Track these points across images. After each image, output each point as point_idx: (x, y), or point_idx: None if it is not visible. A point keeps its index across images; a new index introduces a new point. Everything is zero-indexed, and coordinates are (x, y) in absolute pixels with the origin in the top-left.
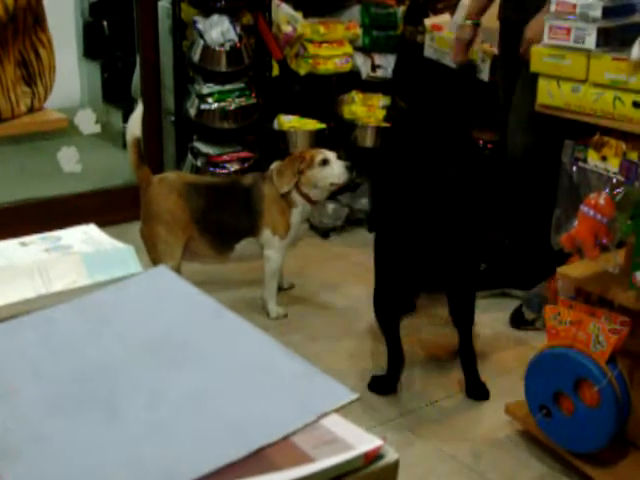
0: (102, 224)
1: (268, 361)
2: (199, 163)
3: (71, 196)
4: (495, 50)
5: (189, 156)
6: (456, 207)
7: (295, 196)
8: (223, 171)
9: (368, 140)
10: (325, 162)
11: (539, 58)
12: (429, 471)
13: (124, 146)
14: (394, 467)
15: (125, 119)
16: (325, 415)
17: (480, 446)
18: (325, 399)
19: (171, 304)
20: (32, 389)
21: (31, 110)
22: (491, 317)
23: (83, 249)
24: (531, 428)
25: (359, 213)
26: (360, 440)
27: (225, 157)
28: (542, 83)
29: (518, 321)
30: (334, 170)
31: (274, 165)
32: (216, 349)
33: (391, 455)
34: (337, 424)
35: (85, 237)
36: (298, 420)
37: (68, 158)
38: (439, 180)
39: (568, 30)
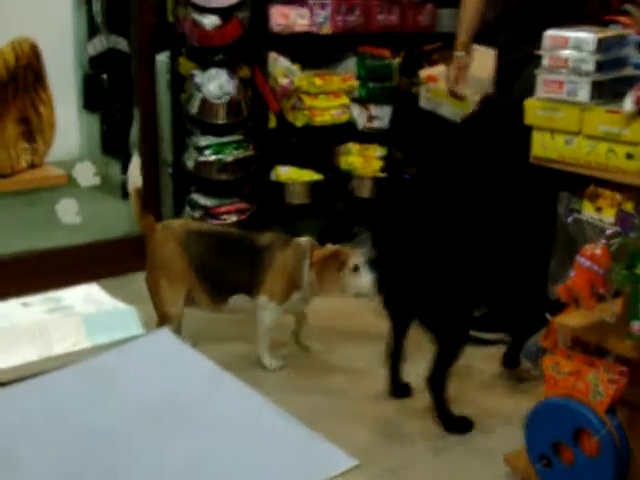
0: (102, 276)
1: (269, 426)
2: (197, 215)
3: (70, 248)
4: None
5: (187, 208)
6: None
7: (307, 281)
8: (221, 223)
9: (365, 190)
10: (356, 269)
11: (533, 111)
12: None
13: (123, 197)
14: None
15: (124, 170)
16: None
17: None
18: (327, 465)
19: (172, 368)
20: (34, 456)
21: (31, 166)
22: (489, 367)
23: (84, 310)
24: (531, 478)
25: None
26: None
27: (223, 209)
28: (536, 136)
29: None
30: (362, 281)
31: (306, 240)
32: (217, 413)
33: None
34: None
35: (86, 297)
36: None
37: (67, 210)
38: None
39: (561, 83)
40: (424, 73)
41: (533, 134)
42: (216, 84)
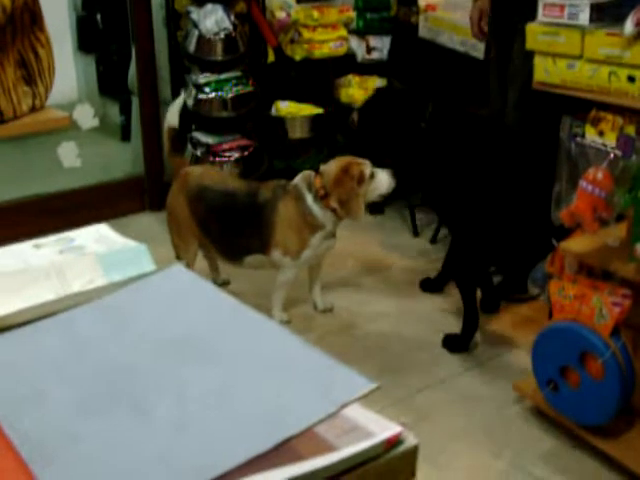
0: (105, 218)
1: (288, 355)
2: (199, 153)
3: (73, 191)
4: None
5: (189, 146)
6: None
7: (323, 216)
8: (224, 160)
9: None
10: (372, 174)
11: (534, 36)
12: (441, 449)
13: (123, 138)
14: (414, 452)
15: (122, 111)
16: (346, 405)
17: (490, 423)
18: (346, 389)
19: (190, 302)
20: (60, 391)
21: (33, 109)
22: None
23: (97, 249)
24: (540, 403)
25: None
26: (380, 427)
27: (225, 146)
28: (538, 60)
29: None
30: (382, 180)
31: (299, 179)
32: (237, 345)
33: (410, 440)
34: (356, 412)
35: (97, 237)
36: (321, 411)
37: (68, 153)
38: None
39: (562, 7)
40: (423, 2)
41: (535, 59)
42: (212, 20)
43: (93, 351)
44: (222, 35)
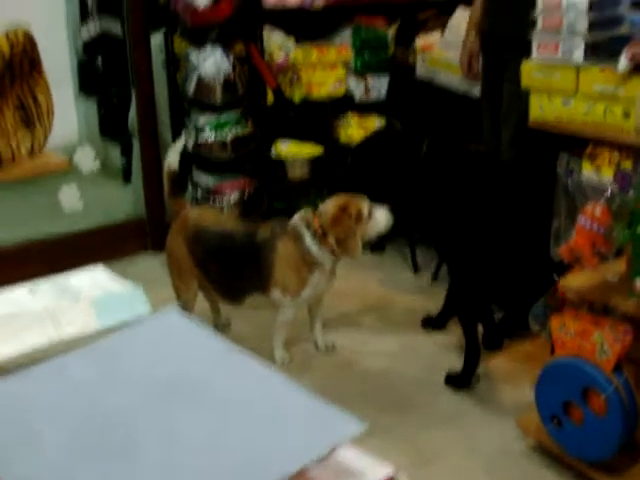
0: (106, 260)
1: (278, 397)
2: (199, 194)
3: (74, 234)
4: None
5: (189, 188)
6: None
7: (321, 254)
8: (224, 201)
9: None
10: (371, 212)
11: (529, 74)
12: None
13: (124, 180)
14: None
15: (123, 153)
16: (338, 447)
17: (493, 460)
18: (336, 431)
19: (182, 345)
20: (53, 436)
21: (32, 153)
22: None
23: (92, 293)
24: (543, 440)
25: None
26: (373, 469)
27: (225, 187)
28: (534, 98)
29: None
30: (380, 218)
31: (297, 218)
32: (228, 389)
33: None
34: (349, 453)
35: (93, 280)
36: (312, 454)
37: (69, 197)
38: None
39: (556, 45)
40: (420, 42)
41: (530, 97)
42: (211, 62)
43: (86, 396)
44: (221, 77)
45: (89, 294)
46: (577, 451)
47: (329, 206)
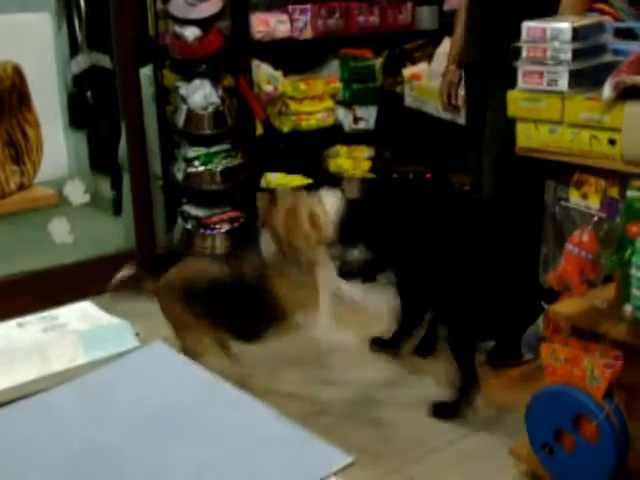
0: (97, 293)
1: (265, 430)
2: (189, 226)
3: (65, 267)
4: None
5: (179, 220)
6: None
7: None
8: (214, 232)
9: (355, 192)
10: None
11: (515, 102)
12: None
13: (115, 213)
14: None
15: (113, 187)
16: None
17: None
18: (323, 464)
19: (168, 379)
20: (38, 473)
21: (21, 188)
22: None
23: (79, 327)
24: (535, 468)
25: (350, 265)
26: None
27: (215, 218)
28: (520, 127)
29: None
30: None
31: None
32: (215, 420)
33: None
34: None
35: (81, 314)
36: None
37: (59, 229)
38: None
39: (541, 74)
40: (407, 72)
41: (517, 125)
42: (201, 95)
43: (72, 431)
44: (210, 109)
45: (76, 328)
46: (569, 479)
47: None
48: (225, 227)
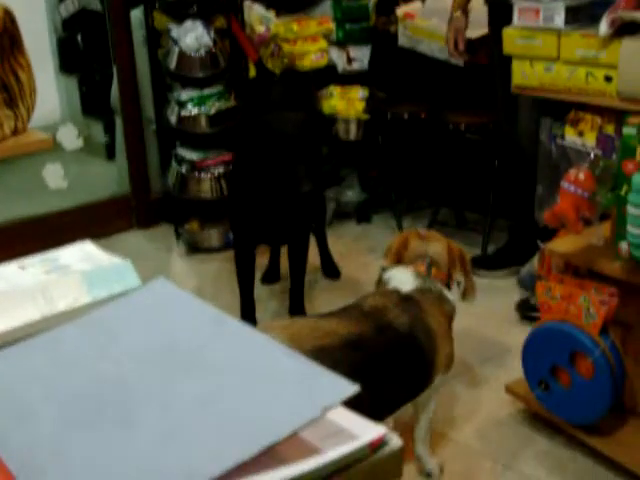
0: (93, 237)
1: (271, 362)
2: (184, 170)
3: (59, 213)
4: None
5: (173, 163)
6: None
7: (454, 299)
8: (208, 175)
9: (350, 133)
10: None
11: (511, 40)
12: (434, 454)
13: (108, 157)
14: (399, 453)
15: (106, 131)
16: (330, 409)
17: (483, 426)
18: (329, 393)
19: (174, 314)
20: (47, 407)
21: (15, 132)
22: (497, 300)
23: (82, 267)
24: (532, 405)
25: (346, 206)
26: (364, 430)
27: (209, 161)
28: (516, 64)
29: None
30: None
31: (413, 277)
32: (221, 355)
33: (395, 442)
34: (340, 415)
35: (82, 255)
36: (305, 416)
37: (53, 175)
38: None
39: (537, 11)
40: (401, 11)
41: (513, 63)
42: (192, 36)
43: (79, 367)
44: (202, 51)
45: (79, 268)
46: (565, 414)
47: (436, 248)
48: (219, 170)
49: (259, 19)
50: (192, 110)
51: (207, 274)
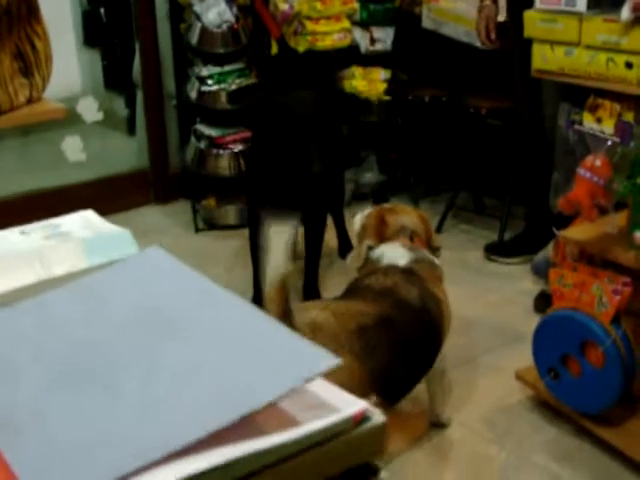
0: (110, 211)
1: (256, 332)
2: (202, 145)
3: (76, 185)
4: None
5: (192, 139)
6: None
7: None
8: (227, 152)
9: (370, 114)
10: None
11: (532, 23)
12: (441, 439)
13: (129, 132)
14: (381, 428)
15: (127, 105)
16: (310, 380)
17: (491, 413)
18: (310, 365)
19: (164, 282)
20: (31, 371)
21: (30, 101)
22: (511, 287)
23: (82, 234)
24: (541, 393)
25: (365, 187)
26: (346, 403)
27: (228, 138)
28: (536, 48)
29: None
30: None
31: (406, 250)
32: (206, 322)
33: (377, 417)
34: (324, 389)
35: (84, 223)
36: (284, 385)
37: (72, 147)
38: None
39: None
40: None
41: (533, 46)
42: (215, 12)
43: (66, 331)
44: (224, 27)
45: (79, 235)
46: (574, 403)
47: (412, 218)
48: (238, 147)
49: None
50: (212, 86)
51: (222, 251)
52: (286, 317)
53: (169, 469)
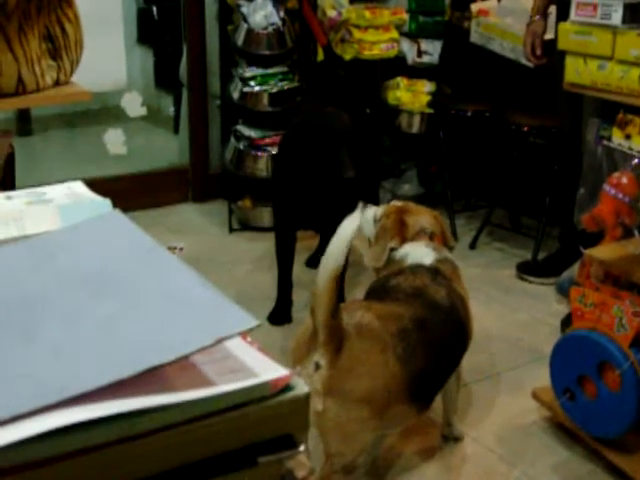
0: (148, 206)
1: (184, 291)
2: (242, 146)
3: (117, 177)
4: None
5: (232, 139)
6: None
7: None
8: (265, 153)
9: (412, 126)
10: None
11: (566, 35)
12: (453, 453)
13: (175, 130)
14: (304, 400)
15: (175, 103)
16: (224, 339)
17: (505, 431)
18: (228, 325)
19: (115, 243)
20: None
21: (57, 84)
22: (538, 307)
23: (62, 202)
24: (557, 414)
25: (402, 199)
26: (267, 370)
27: (267, 140)
28: (569, 61)
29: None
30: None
31: (429, 250)
32: (141, 281)
33: (301, 387)
34: (252, 356)
35: (68, 192)
36: (197, 342)
37: (114, 140)
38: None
39: (595, 6)
40: (476, 7)
41: (566, 59)
42: (262, 14)
43: (6, 283)
44: (270, 30)
45: (60, 202)
46: (588, 426)
47: (428, 218)
48: (276, 150)
49: (332, 3)
50: (254, 87)
51: (253, 251)
52: (334, 315)
53: (67, 414)
